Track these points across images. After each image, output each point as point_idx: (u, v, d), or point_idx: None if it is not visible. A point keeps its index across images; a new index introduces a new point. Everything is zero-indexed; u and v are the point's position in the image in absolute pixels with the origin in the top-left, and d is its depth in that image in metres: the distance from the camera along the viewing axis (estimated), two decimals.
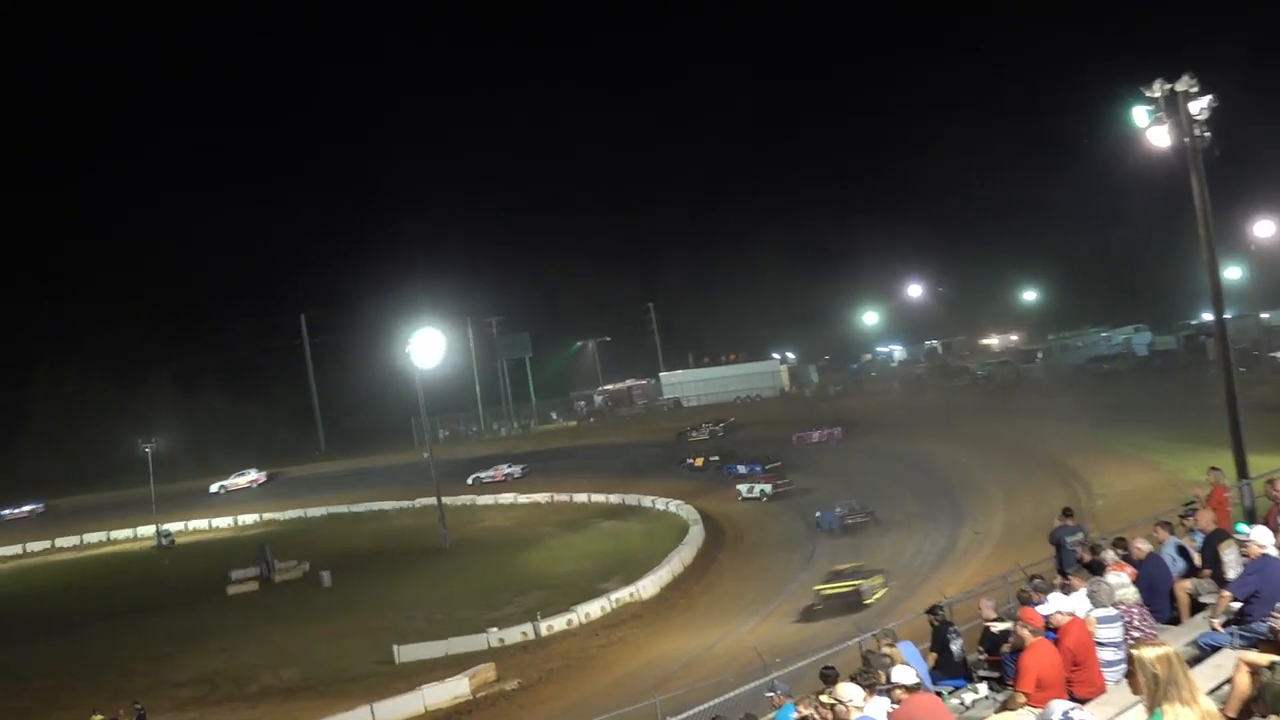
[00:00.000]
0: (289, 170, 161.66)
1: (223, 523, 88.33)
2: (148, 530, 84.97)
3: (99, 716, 39.15)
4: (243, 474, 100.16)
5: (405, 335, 74.91)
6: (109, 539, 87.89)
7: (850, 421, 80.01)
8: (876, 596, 42.21)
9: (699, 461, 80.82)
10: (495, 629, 46.93)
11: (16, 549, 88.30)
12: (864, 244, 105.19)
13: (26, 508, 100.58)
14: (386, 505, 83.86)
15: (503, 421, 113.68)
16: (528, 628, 46.79)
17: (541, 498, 77.61)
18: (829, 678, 13.09)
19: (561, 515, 72.39)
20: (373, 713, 38.38)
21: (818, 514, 57.82)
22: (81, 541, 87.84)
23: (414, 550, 67.17)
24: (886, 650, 14.49)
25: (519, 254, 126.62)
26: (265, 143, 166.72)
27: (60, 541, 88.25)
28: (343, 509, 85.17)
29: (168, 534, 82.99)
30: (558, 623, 47.21)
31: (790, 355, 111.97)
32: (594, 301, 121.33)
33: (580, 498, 74.98)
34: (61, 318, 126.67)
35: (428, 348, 75.00)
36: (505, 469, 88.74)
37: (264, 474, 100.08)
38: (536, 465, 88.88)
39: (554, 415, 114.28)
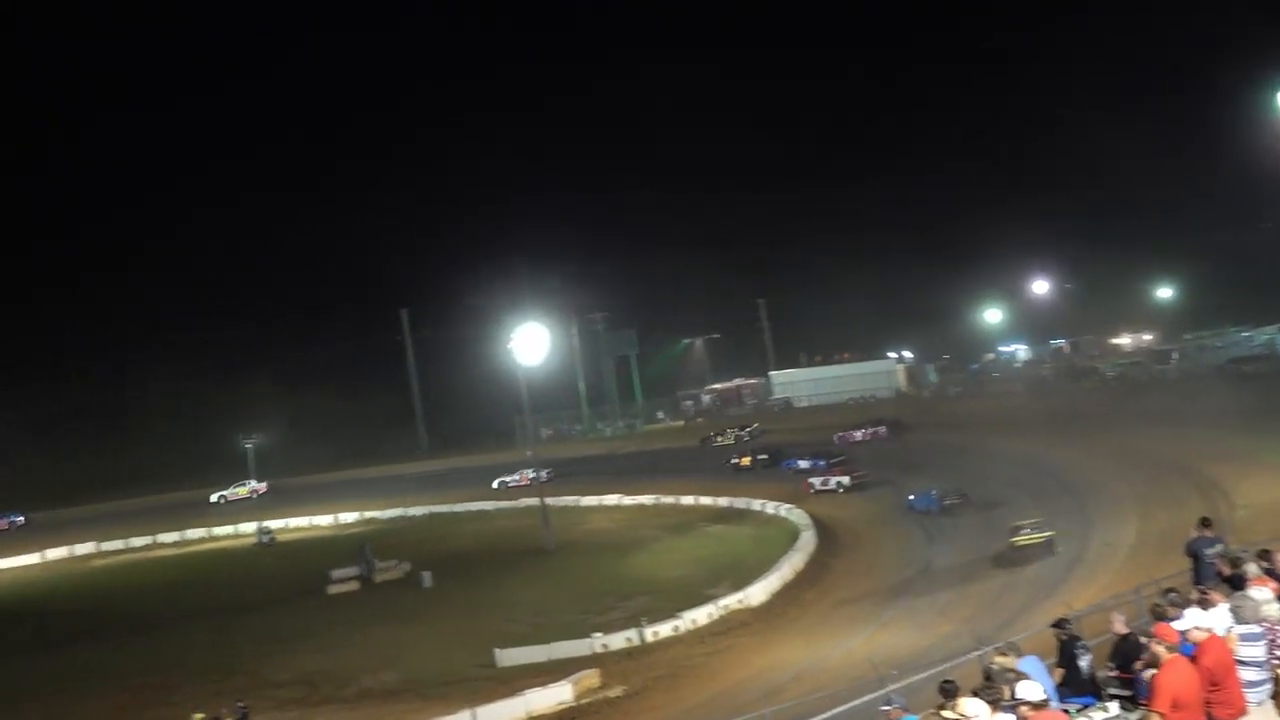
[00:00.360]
0: (391, 164, 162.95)
1: (323, 521, 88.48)
2: (249, 527, 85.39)
3: (200, 715, 38.62)
4: (243, 484, 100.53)
5: (508, 331, 73.95)
6: (210, 535, 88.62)
7: (894, 420, 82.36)
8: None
9: (745, 460, 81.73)
10: (599, 634, 45.52)
11: (120, 544, 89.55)
12: (987, 238, 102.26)
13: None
14: (488, 505, 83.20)
15: (607, 421, 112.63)
16: (633, 633, 45.32)
17: (647, 499, 76.20)
18: (949, 691, 12.04)
19: (667, 518, 70.88)
20: (474, 717, 37.32)
21: (910, 497, 60.29)
22: (183, 537, 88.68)
23: (516, 551, 66.12)
24: (1010, 664, 13.36)
25: (625, 249, 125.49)
26: (368, 137, 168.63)
27: (162, 537, 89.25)
28: (444, 508, 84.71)
29: (268, 531, 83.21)
30: (663, 629, 45.67)
31: (907, 354, 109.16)
32: (702, 298, 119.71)
33: (687, 500, 73.41)
34: (162, 316, 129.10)
35: (531, 344, 73.88)
36: (530, 473, 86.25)
37: (264, 484, 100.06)
38: (621, 465, 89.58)
39: (660, 415, 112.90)
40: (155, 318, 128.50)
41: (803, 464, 75.49)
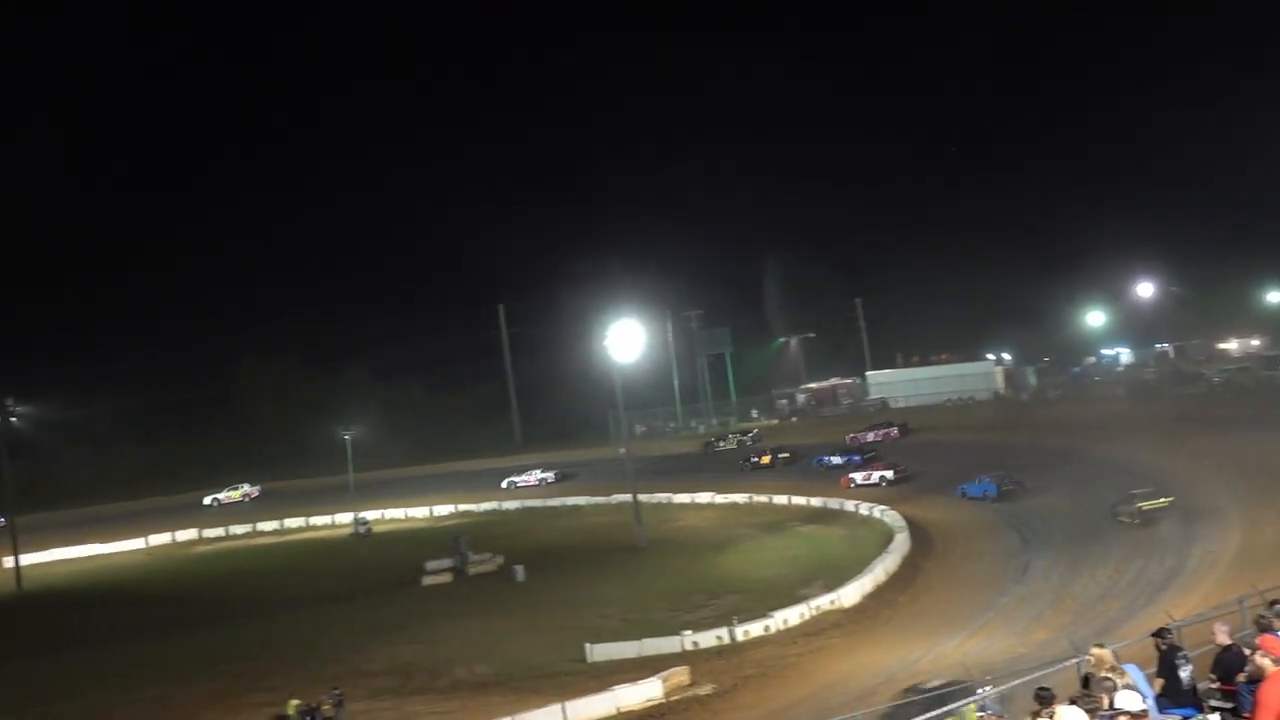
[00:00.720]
0: (490, 162, 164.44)
1: (418, 513, 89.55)
2: (345, 518, 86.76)
3: (296, 701, 39.27)
4: (236, 487, 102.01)
5: (603, 328, 74.25)
6: (308, 525, 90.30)
7: (904, 424, 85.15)
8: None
9: (765, 459, 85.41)
10: (690, 632, 45.50)
11: (221, 531, 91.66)
12: (1091, 239, 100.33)
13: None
14: (581, 501, 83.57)
15: (701, 418, 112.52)
16: (723, 632, 45.21)
17: (740, 498, 76.03)
18: (1045, 699, 12.16)
19: (759, 517, 70.64)
20: (564, 711, 37.47)
21: (965, 486, 64.04)
22: (282, 526, 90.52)
23: (608, 547, 66.43)
24: (1108, 657, 13.49)
25: (721, 247, 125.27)
26: (465, 136, 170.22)
27: (261, 526, 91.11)
28: (537, 503, 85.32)
29: (365, 522, 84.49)
30: (754, 628, 45.48)
31: (1006, 356, 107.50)
32: (798, 297, 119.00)
33: (780, 499, 73.11)
34: (264, 311, 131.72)
35: (626, 341, 74.04)
36: (539, 474, 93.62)
37: (257, 488, 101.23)
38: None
39: (754, 413, 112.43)
40: (259, 311, 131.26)
41: (836, 460, 79.11)
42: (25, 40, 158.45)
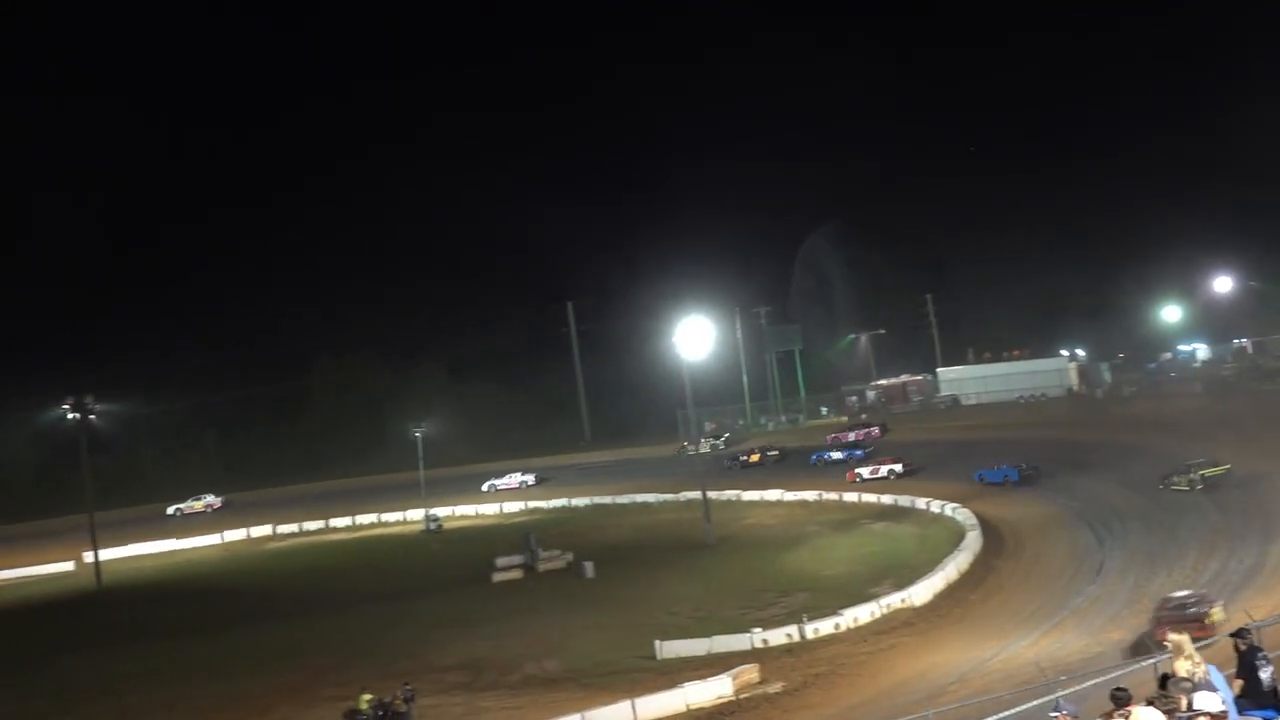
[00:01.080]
0: (558, 159, 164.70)
1: (489, 509, 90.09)
2: (417, 514, 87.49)
3: (369, 695, 39.55)
4: (199, 498, 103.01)
5: (672, 325, 74.14)
6: (379, 521, 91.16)
7: (885, 425, 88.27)
8: None
9: (754, 457, 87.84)
10: (759, 629, 45.40)
11: (294, 527, 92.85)
12: (1167, 233, 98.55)
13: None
14: (650, 498, 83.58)
15: (770, 415, 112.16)
16: (793, 630, 45.02)
17: (810, 495, 75.60)
18: (1121, 700, 12.02)
19: (829, 514, 70.22)
20: (634, 708, 37.56)
21: (980, 473, 67.48)
22: (354, 522, 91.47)
23: (677, 544, 66.38)
24: (1185, 643, 13.41)
25: (791, 244, 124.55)
26: (533, 132, 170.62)
27: (334, 522, 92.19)
28: (606, 500, 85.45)
29: (436, 519, 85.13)
30: (824, 626, 45.26)
31: (1080, 352, 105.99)
32: (868, 293, 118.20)
33: (850, 497, 72.64)
34: (338, 307, 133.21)
35: (694, 338, 73.93)
36: (520, 476, 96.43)
37: (220, 499, 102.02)
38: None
39: (824, 410, 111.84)
40: (334, 308, 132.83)
41: (836, 455, 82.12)
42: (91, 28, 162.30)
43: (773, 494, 77.99)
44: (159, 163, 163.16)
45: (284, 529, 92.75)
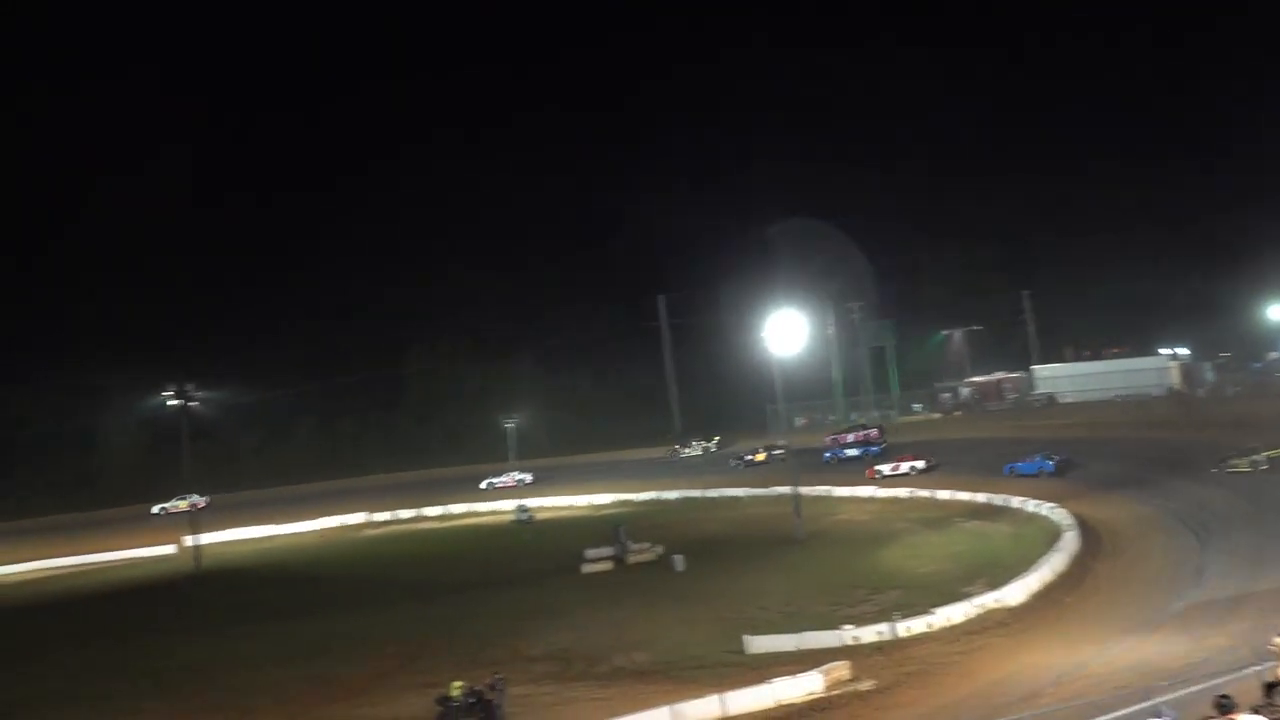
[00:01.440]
0: (651, 151, 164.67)
1: (579, 501, 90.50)
2: (508, 505, 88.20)
3: (459, 684, 39.82)
4: (184, 498, 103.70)
5: (763, 319, 73.82)
6: (471, 511, 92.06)
7: (880, 427, 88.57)
8: None
9: (761, 456, 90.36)
10: (849, 626, 45.01)
11: (388, 515, 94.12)
12: (1275, 229, 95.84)
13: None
14: (740, 492, 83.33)
15: (862, 411, 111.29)
16: (884, 627, 44.51)
17: (902, 493, 74.98)
18: (1225, 706, 11.77)
19: (922, 512, 69.51)
20: (723, 702, 37.41)
21: (1011, 465, 70.10)
22: (446, 511, 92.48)
23: (767, 539, 66.14)
24: None
25: (886, 238, 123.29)
26: (622, 123, 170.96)
27: (427, 510, 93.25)
28: (696, 493, 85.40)
29: (526, 509, 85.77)
30: (916, 625, 44.73)
31: (1183, 351, 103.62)
32: (963, 289, 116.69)
33: (943, 495, 71.83)
34: (434, 297, 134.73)
35: (786, 332, 73.51)
36: (516, 475, 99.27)
37: (205, 499, 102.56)
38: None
39: (916, 407, 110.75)
40: (428, 298, 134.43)
41: (851, 453, 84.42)
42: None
43: (864, 490, 77.54)
44: (266, 151, 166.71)
45: (378, 517, 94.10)
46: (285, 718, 40.65)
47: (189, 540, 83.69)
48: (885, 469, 77.63)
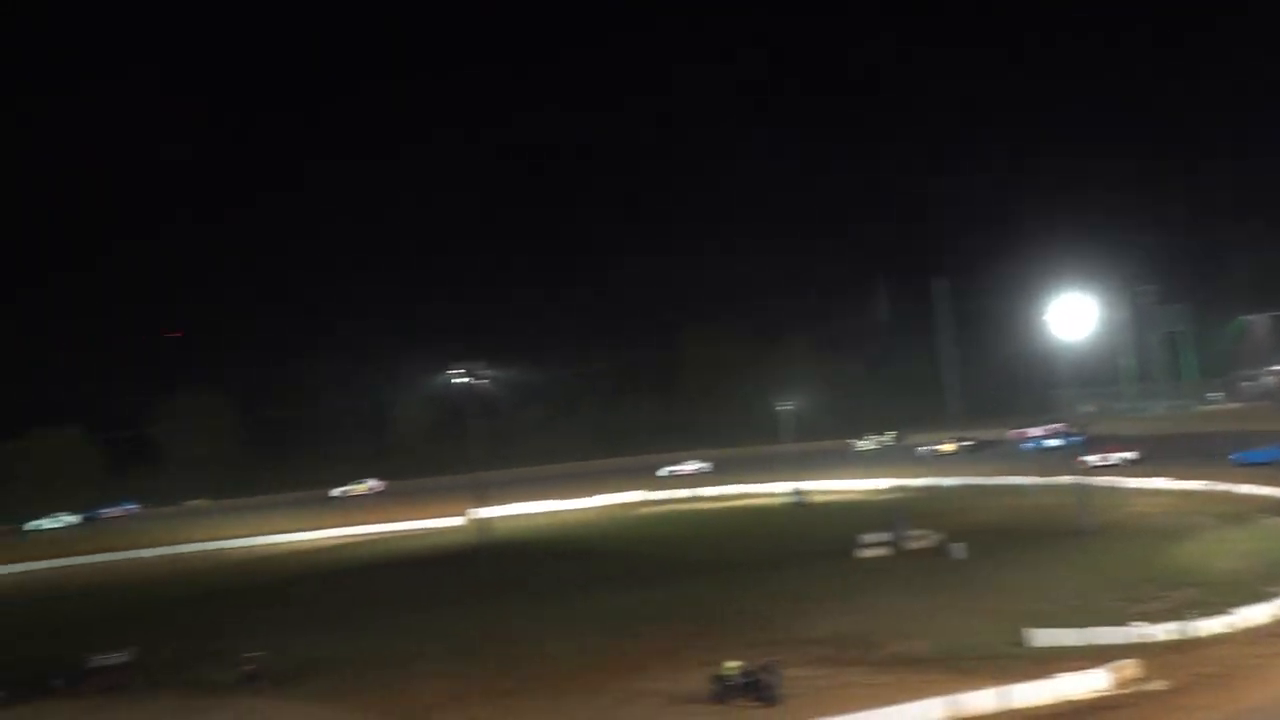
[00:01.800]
0: (921, 135, 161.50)
1: (855, 485, 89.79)
2: (783, 487, 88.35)
3: (735, 663, 40.20)
4: (361, 482, 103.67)
5: (1046, 302, 71.14)
6: (746, 492, 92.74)
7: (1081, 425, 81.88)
8: None
9: (950, 447, 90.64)
10: (1140, 623, 43.06)
11: (664, 494, 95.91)
12: None
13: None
14: (1023, 480, 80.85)
15: (1154, 399, 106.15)
16: (1177, 626, 42.44)
17: (1196, 485, 71.21)
18: None
19: (1218, 506, 65.84)
20: (1002, 695, 36.46)
21: (1239, 454, 68.50)
22: (721, 492, 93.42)
23: (1051, 530, 63.96)
24: None
25: (1182, 218, 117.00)
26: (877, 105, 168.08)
27: (702, 491, 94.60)
28: (976, 481, 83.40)
29: (801, 492, 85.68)
30: (1213, 625, 42.43)
31: None
32: (1266, 271, 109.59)
33: (1243, 489, 67.81)
34: (708, 281, 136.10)
35: (1071, 316, 70.64)
36: (694, 464, 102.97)
37: (383, 483, 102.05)
38: None
39: (1214, 395, 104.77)
40: (702, 281, 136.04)
41: (1053, 442, 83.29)
42: None
43: (1156, 482, 74.23)
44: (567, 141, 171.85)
45: (655, 495, 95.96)
46: (564, 688, 41.95)
47: (476, 512, 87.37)
48: (1093, 459, 75.05)
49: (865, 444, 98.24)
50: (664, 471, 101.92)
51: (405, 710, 40.70)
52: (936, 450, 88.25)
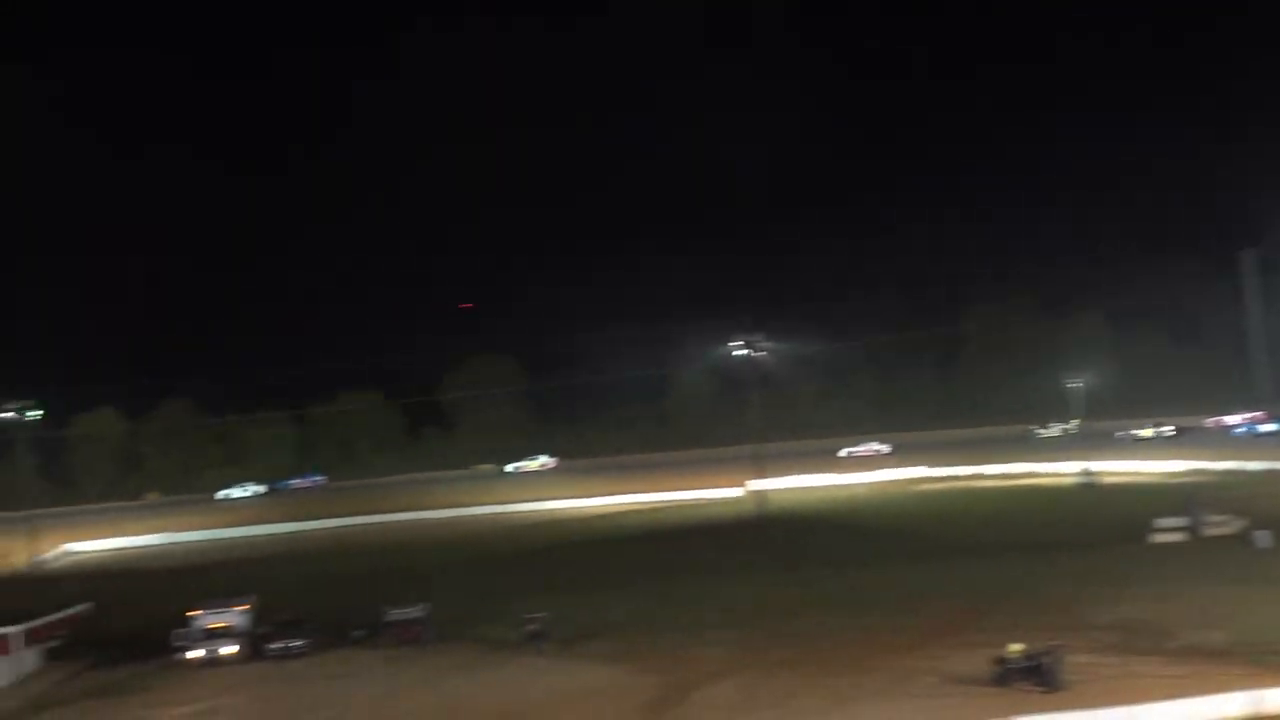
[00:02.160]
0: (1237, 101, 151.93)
1: (1149, 467, 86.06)
2: (1070, 466, 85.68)
3: (1018, 646, 39.28)
4: (534, 458, 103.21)
5: None
6: (1031, 472, 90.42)
7: None
8: None
9: (1147, 432, 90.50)
10: None
11: (946, 471, 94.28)
12: None
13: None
14: None
15: None
16: None
17: None
18: None
19: None
20: None
21: None
22: (1006, 471, 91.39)
23: None
24: None
25: None
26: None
27: (985, 469, 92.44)
28: None
29: (1092, 472, 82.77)
30: None
31: None
32: None
33: None
34: (996, 254, 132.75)
35: None
36: (875, 445, 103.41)
37: (554, 459, 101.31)
38: None
39: None
40: (994, 253, 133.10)
41: (1269, 427, 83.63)
42: None
43: None
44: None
45: (935, 472, 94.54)
46: (841, 663, 41.89)
47: (755, 484, 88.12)
48: None
49: (1049, 431, 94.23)
50: (843, 453, 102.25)
51: (684, 676, 41.52)
52: (1135, 435, 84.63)
